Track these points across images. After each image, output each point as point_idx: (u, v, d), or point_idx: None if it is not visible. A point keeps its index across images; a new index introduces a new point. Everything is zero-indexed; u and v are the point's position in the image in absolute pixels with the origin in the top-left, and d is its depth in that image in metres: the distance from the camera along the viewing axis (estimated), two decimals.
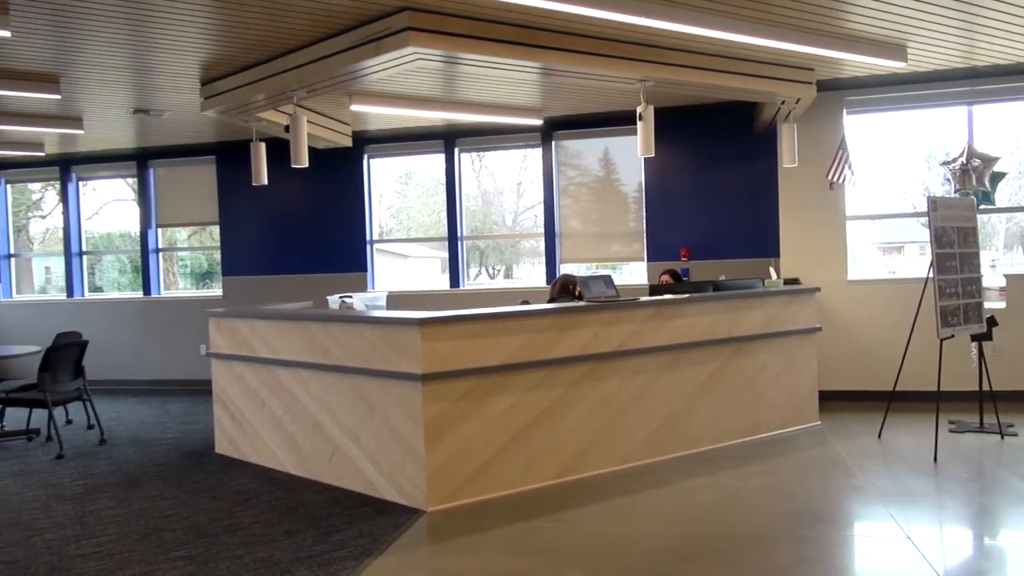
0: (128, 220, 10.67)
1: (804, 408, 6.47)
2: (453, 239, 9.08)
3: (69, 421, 7.59)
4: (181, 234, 10.70)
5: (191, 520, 4.59)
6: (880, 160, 7.89)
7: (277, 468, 5.65)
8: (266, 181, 7.29)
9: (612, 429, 5.35)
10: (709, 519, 4.45)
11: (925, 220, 6.37)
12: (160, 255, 10.27)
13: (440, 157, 9.13)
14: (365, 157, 9.29)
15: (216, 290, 10.11)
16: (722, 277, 7.17)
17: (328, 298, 6.40)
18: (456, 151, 9.05)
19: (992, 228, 8.24)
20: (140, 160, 9.98)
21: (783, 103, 6.87)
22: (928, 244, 5.93)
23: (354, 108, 7.19)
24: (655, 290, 6.52)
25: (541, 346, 5.03)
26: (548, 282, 8.29)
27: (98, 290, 10.89)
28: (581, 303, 5.43)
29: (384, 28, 5.12)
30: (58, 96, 6.60)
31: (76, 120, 7.90)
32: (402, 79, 6.55)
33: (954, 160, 7.27)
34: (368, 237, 9.31)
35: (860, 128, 7.71)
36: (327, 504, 4.81)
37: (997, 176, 7.20)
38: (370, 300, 6.60)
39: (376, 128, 8.94)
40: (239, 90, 6.37)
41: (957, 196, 7.08)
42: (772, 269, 7.10)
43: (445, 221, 9.14)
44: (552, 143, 8.74)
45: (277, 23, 5.26)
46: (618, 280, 6.11)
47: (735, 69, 6.22)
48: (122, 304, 10.26)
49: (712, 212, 8.18)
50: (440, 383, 4.63)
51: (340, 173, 9.24)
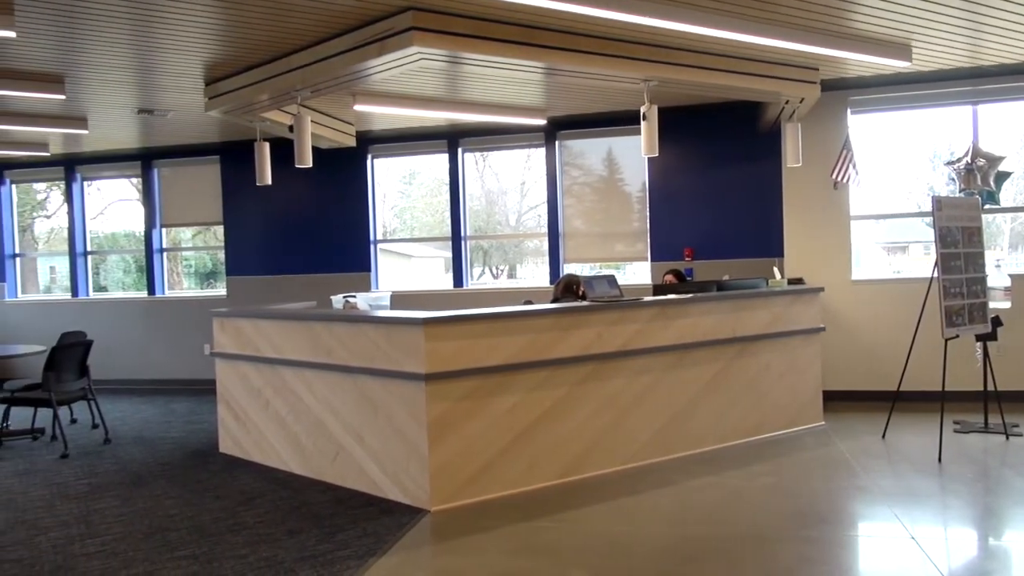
0: (132, 220, 10.70)
1: (808, 408, 6.46)
2: (457, 239, 9.09)
3: (74, 420, 7.62)
4: (185, 234, 10.72)
5: (195, 519, 4.60)
6: (884, 160, 7.87)
7: (281, 468, 5.66)
8: (270, 181, 7.31)
9: (615, 429, 5.35)
10: (713, 519, 4.45)
11: (930, 220, 6.35)
12: (164, 255, 10.30)
13: (444, 157, 9.13)
14: (369, 157, 9.30)
15: (220, 290, 10.13)
16: (726, 277, 7.17)
17: (332, 298, 6.41)
18: (460, 151, 9.05)
19: (997, 228, 8.21)
20: (144, 160, 10.00)
21: (787, 103, 6.86)
22: (932, 244, 5.92)
23: (358, 108, 7.19)
24: (659, 290, 6.51)
25: (544, 346, 5.02)
26: (552, 282, 8.29)
27: (103, 290, 10.93)
28: (585, 303, 5.42)
29: (388, 28, 5.12)
30: (63, 96, 6.62)
31: (81, 120, 7.91)
32: (406, 79, 6.55)
33: (959, 160, 7.25)
34: (372, 237, 9.32)
35: (864, 128, 7.70)
36: (331, 504, 4.82)
37: (1002, 176, 7.18)
38: (374, 300, 6.61)
39: (380, 128, 8.95)
40: (243, 90, 6.38)
41: (962, 196, 7.06)
42: (776, 269, 7.09)
43: (449, 221, 9.14)
44: (556, 143, 8.74)
45: (281, 23, 5.27)
46: (622, 280, 6.11)
47: (739, 69, 6.21)
48: (126, 304, 10.28)
49: (716, 212, 8.17)
50: (443, 383, 4.63)
51: (344, 173, 9.25)
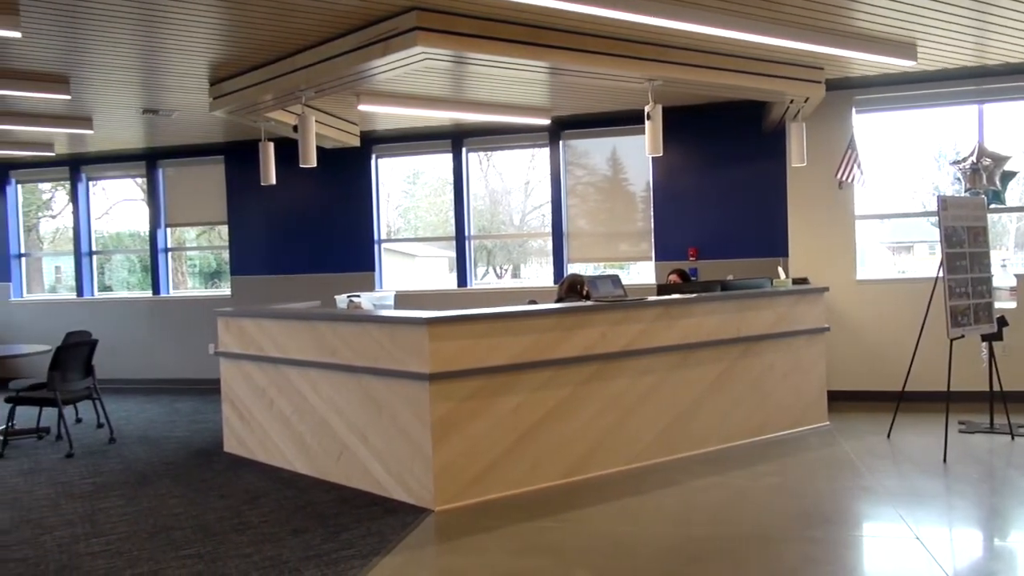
0: (137, 220, 10.72)
1: (813, 408, 6.45)
2: (461, 239, 9.09)
3: (79, 420, 7.64)
4: (190, 234, 10.74)
5: (200, 519, 4.61)
6: (889, 159, 7.85)
7: (285, 467, 5.67)
8: (274, 181, 7.32)
9: (619, 429, 5.34)
10: (717, 519, 4.44)
11: (935, 219, 6.34)
12: (169, 254, 10.32)
13: (448, 157, 9.14)
14: (373, 157, 9.30)
15: (225, 289, 10.15)
16: (730, 277, 7.16)
17: (336, 297, 6.41)
18: (464, 151, 9.05)
19: (1003, 227, 8.19)
20: (149, 160, 10.02)
21: (792, 102, 6.84)
22: (938, 244, 5.91)
23: (362, 108, 7.20)
24: (663, 290, 6.50)
25: (548, 346, 5.02)
26: (555, 282, 8.28)
27: (107, 289, 10.95)
28: (588, 303, 5.42)
29: (392, 28, 5.12)
30: (68, 96, 6.64)
31: (86, 120, 7.94)
32: (410, 79, 6.55)
33: (964, 159, 7.23)
34: (376, 236, 9.33)
35: (869, 127, 7.68)
36: (335, 503, 4.82)
37: (1008, 175, 7.15)
38: (378, 299, 6.62)
39: (384, 128, 8.95)
40: (247, 90, 6.39)
41: (967, 195, 7.04)
42: (780, 269, 7.08)
43: (453, 221, 9.14)
44: (560, 142, 8.73)
45: (285, 23, 5.28)
46: (626, 280, 6.10)
47: (744, 68, 6.20)
48: (131, 303, 10.31)
49: (720, 211, 8.16)
50: (447, 383, 4.63)
51: (348, 173, 9.26)
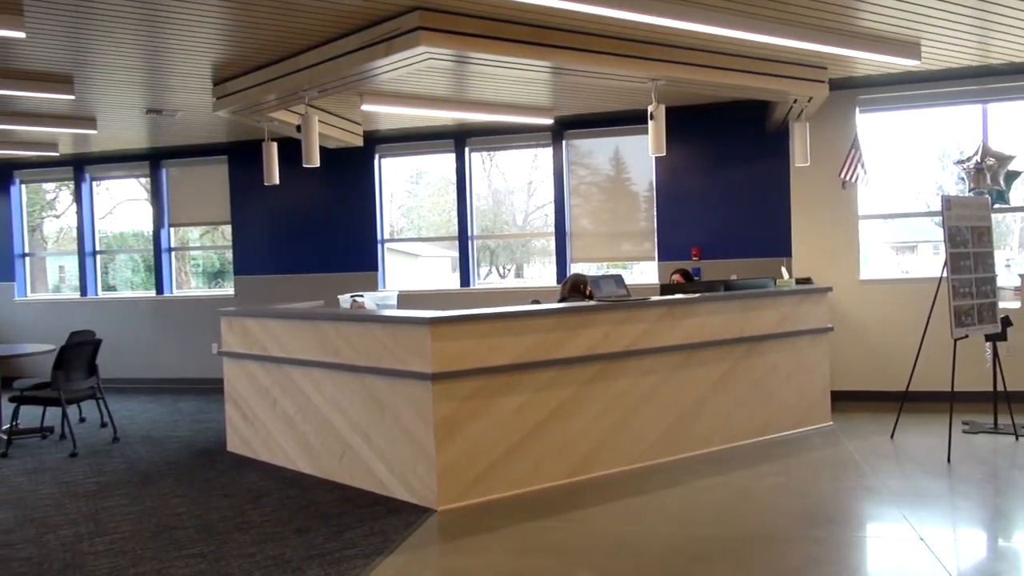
0: (141, 219, 10.74)
1: (816, 408, 6.44)
2: (464, 238, 9.09)
3: (82, 419, 7.65)
4: (193, 233, 10.75)
5: (203, 518, 4.61)
6: (893, 159, 7.83)
7: (288, 467, 5.67)
8: (278, 181, 7.33)
9: (622, 429, 5.34)
10: (721, 519, 4.44)
11: (939, 219, 6.32)
12: (172, 254, 10.34)
13: (451, 156, 9.14)
14: (376, 157, 9.31)
15: (228, 289, 10.16)
16: (733, 276, 7.15)
17: (339, 297, 6.43)
18: (467, 150, 9.05)
19: (1007, 227, 8.17)
20: (153, 160, 10.04)
21: (795, 102, 6.84)
22: (942, 243, 5.89)
23: (365, 108, 7.20)
24: (666, 289, 6.50)
25: (551, 346, 5.02)
26: (559, 281, 8.28)
27: (111, 289, 10.97)
28: (591, 303, 5.42)
29: (395, 28, 5.13)
30: (72, 96, 6.65)
31: (90, 120, 7.95)
32: (413, 79, 6.55)
33: (968, 159, 7.21)
34: (379, 236, 9.33)
35: (873, 127, 7.66)
36: (338, 503, 4.82)
37: (1012, 175, 7.13)
38: (381, 299, 6.63)
39: (387, 128, 8.96)
40: (251, 90, 6.40)
41: (971, 195, 7.02)
42: (784, 269, 7.07)
43: (456, 220, 9.14)
44: (563, 142, 8.73)
45: (288, 23, 5.28)
46: (629, 280, 6.10)
47: (747, 68, 6.19)
48: (135, 303, 10.33)
49: (723, 211, 8.15)
50: (450, 382, 4.63)
51: (351, 173, 9.26)
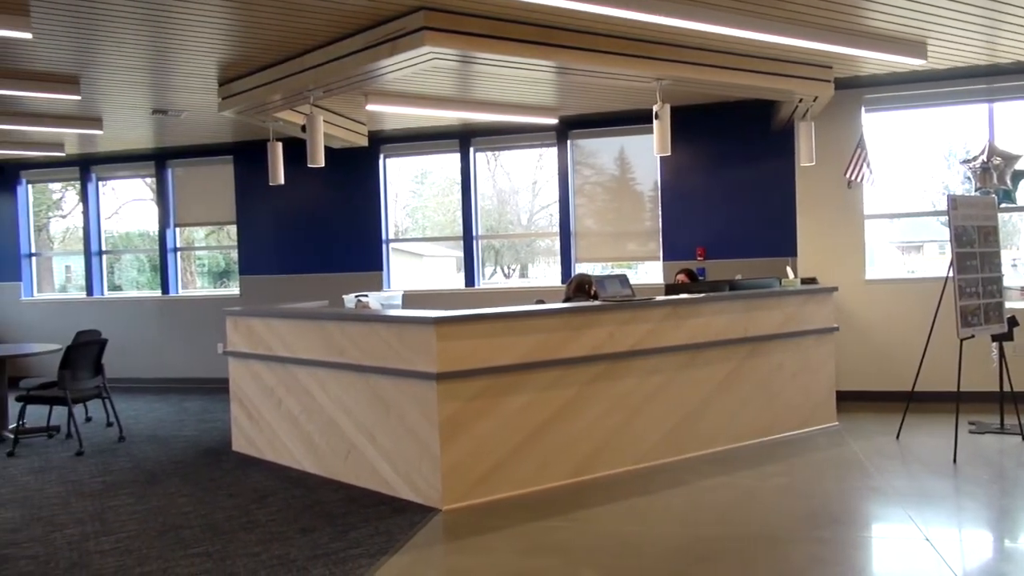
0: (147, 219, 10.77)
1: (821, 408, 6.42)
2: (468, 238, 9.09)
3: (89, 418, 7.68)
4: (199, 233, 10.78)
5: (208, 517, 4.63)
6: (899, 158, 7.81)
7: (294, 466, 5.68)
8: (283, 181, 7.33)
9: (627, 429, 5.34)
10: (725, 519, 4.43)
11: (945, 219, 6.31)
12: (178, 254, 10.36)
13: (455, 156, 9.14)
14: (381, 156, 9.32)
15: (233, 289, 10.18)
16: (738, 276, 7.14)
17: (344, 297, 6.43)
18: (471, 150, 9.06)
19: (1013, 227, 8.13)
20: (158, 160, 10.07)
21: (801, 101, 6.82)
22: (948, 243, 5.87)
23: (370, 108, 7.21)
24: (671, 289, 6.49)
25: (556, 345, 5.02)
26: (563, 281, 8.28)
27: (117, 289, 11.01)
28: (596, 302, 5.42)
29: (400, 28, 5.13)
30: (78, 97, 6.67)
31: (96, 120, 7.98)
32: (418, 79, 6.56)
33: (975, 158, 7.18)
34: (384, 236, 9.34)
35: (879, 126, 7.64)
36: (343, 502, 4.83)
37: (1019, 174, 7.10)
38: (386, 299, 6.63)
39: (392, 128, 8.97)
40: (256, 90, 6.41)
41: (978, 194, 7.00)
42: (789, 268, 7.05)
43: (460, 220, 9.14)
44: (567, 142, 8.72)
45: (293, 23, 5.29)
46: (634, 279, 6.09)
47: (753, 67, 6.18)
48: (140, 303, 10.36)
49: (728, 211, 8.13)
50: (455, 382, 4.63)
51: (356, 172, 9.28)
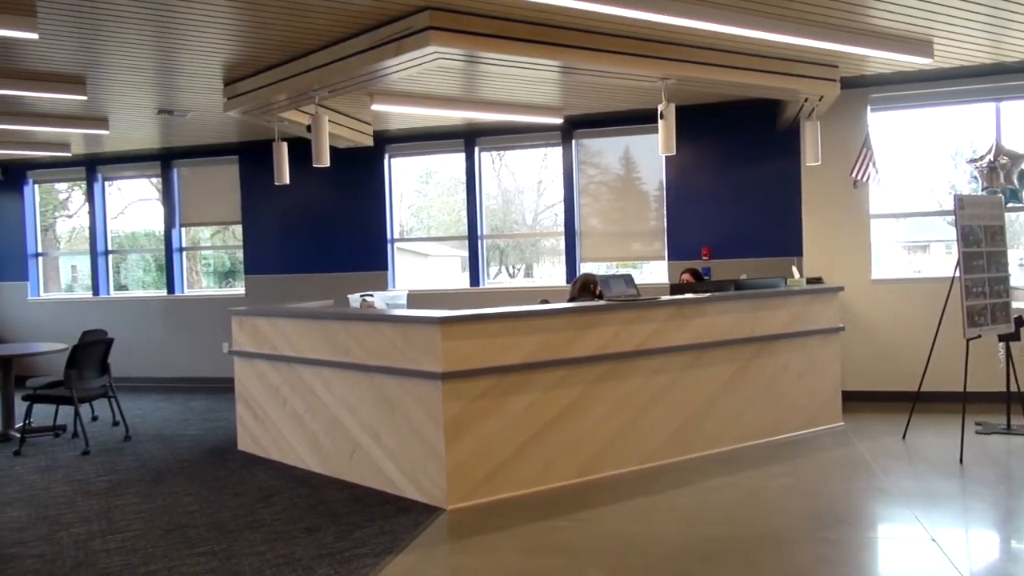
0: (152, 219, 10.80)
1: (827, 408, 6.41)
2: (473, 238, 9.09)
3: (95, 418, 7.70)
4: (204, 233, 10.80)
5: (214, 516, 4.64)
6: (905, 158, 7.78)
7: (299, 465, 5.69)
8: (288, 180, 7.36)
9: (632, 429, 5.33)
10: (730, 520, 4.43)
11: (951, 218, 6.28)
12: (184, 254, 10.39)
13: (460, 156, 9.14)
14: (386, 156, 9.32)
15: (239, 288, 10.20)
16: (744, 276, 7.13)
17: (349, 296, 6.43)
18: (476, 150, 9.06)
19: (1020, 226, 8.09)
20: (164, 160, 10.09)
21: (806, 100, 6.80)
22: (954, 243, 5.85)
23: (375, 108, 7.22)
24: (676, 289, 6.48)
25: (560, 345, 5.02)
26: (568, 281, 8.27)
27: (123, 288, 11.04)
28: (601, 302, 5.41)
29: (405, 28, 5.13)
30: (84, 97, 6.69)
31: (102, 121, 8.00)
32: (423, 78, 6.56)
33: (981, 157, 7.16)
34: (389, 236, 9.35)
35: (885, 125, 7.62)
36: (348, 501, 4.84)
37: None
38: (391, 299, 6.63)
39: (397, 127, 8.97)
40: (261, 90, 6.42)
41: (984, 194, 6.97)
42: (795, 268, 7.04)
43: (465, 220, 9.14)
44: (572, 142, 8.72)
45: (298, 23, 5.30)
46: (639, 279, 6.09)
47: (758, 67, 6.16)
48: (146, 302, 10.39)
49: (734, 211, 8.12)
50: (460, 382, 4.64)
51: (361, 172, 9.28)
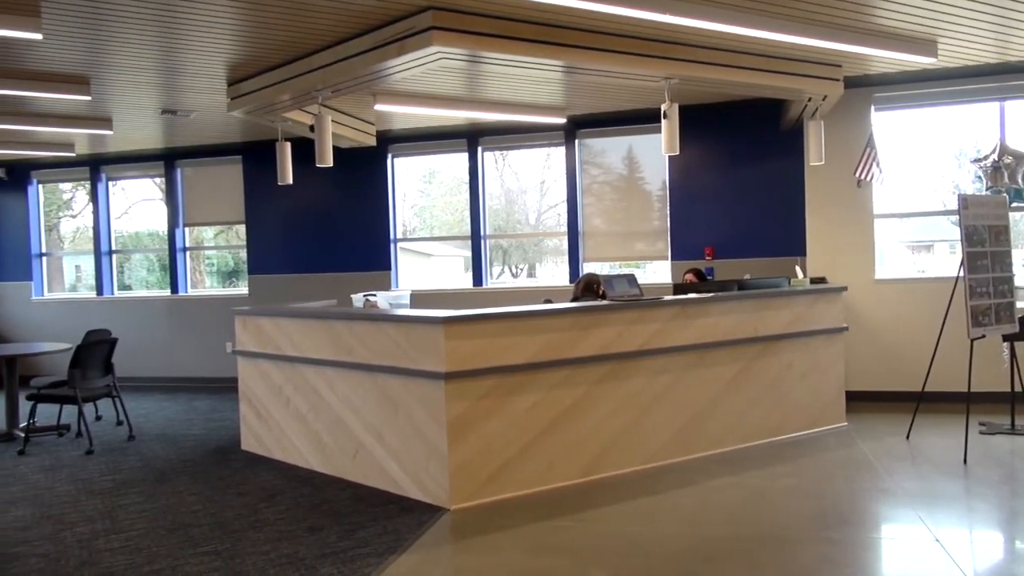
0: (156, 219, 10.82)
1: (830, 408, 6.40)
2: (476, 238, 9.10)
3: (99, 417, 7.72)
4: (208, 233, 10.82)
5: (217, 516, 4.64)
6: (909, 157, 7.77)
7: (302, 465, 5.70)
8: (291, 180, 7.36)
9: (635, 429, 5.33)
10: (733, 520, 4.42)
11: (955, 218, 6.27)
12: (187, 254, 10.41)
13: (463, 156, 9.14)
14: (389, 156, 9.33)
15: (242, 288, 10.22)
16: (747, 276, 7.11)
17: (352, 296, 6.44)
18: (479, 150, 9.06)
19: None
20: (168, 160, 10.11)
21: (810, 100, 6.79)
22: (958, 242, 5.84)
23: (378, 108, 7.22)
24: (679, 289, 6.47)
25: (564, 345, 5.02)
26: (571, 281, 8.28)
27: (127, 288, 11.06)
28: (604, 302, 5.41)
29: (408, 28, 5.14)
30: (88, 97, 6.71)
31: (106, 121, 8.02)
32: (426, 78, 6.56)
33: (985, 157, 7.14)
34: (392, 236, 9.36)
35: (889, 125, 7.60)
36: (351, 501, 4.84)
37: None
38: (394, 299, 6.63)
39: (400, 127, 8.98)
40: (265, 90, 6.43)
41: (988, 194, 6.95)
42: (798, 268, 7.03)
43: (468, 220, 9.15)
44: (575, 141, 8.71)
45: (301, 24, 5.30)
46: (642, 279, 6.08)
47: (762, 66, 6.16)
48: (150, 302, 10.41)
49: (737, 210, 8.11)
50: (463, 382, 4.64)
51: (364, 172, 9.29)
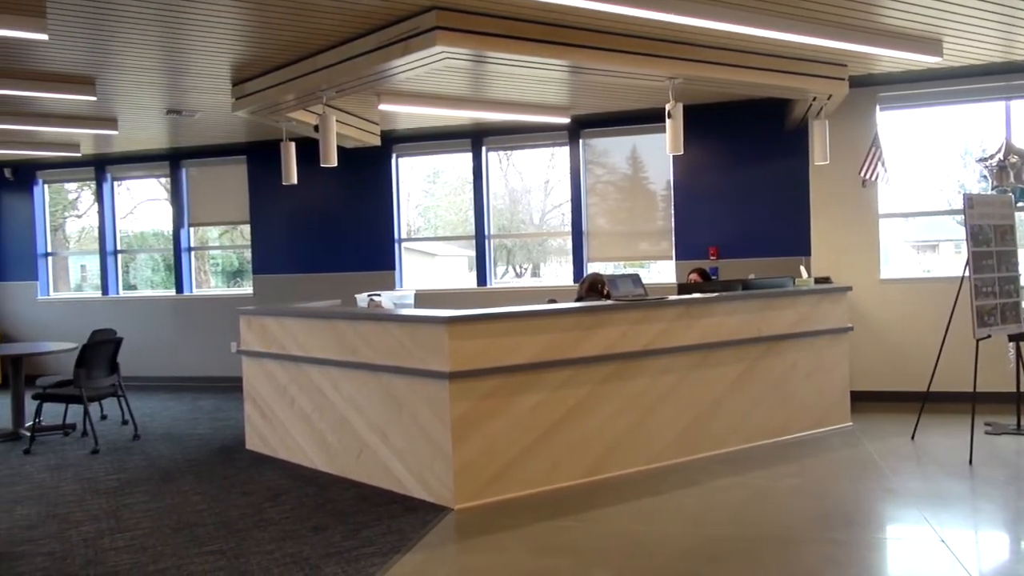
0: (161, 219, 10.84)
1: (835, 408, 6.39)
2: (480, 237, 9.10)
3: (104, 417, 7.74)
4: (212, 233, 10.84)
5: (222, 515, 4.65)
6: (914, 157, 7.75)
7: (306, 464, 5.71)
8: (296, 180, 7.37)
9: (639, 429, 5.33)
10: (737, 520, 4.42)
11: (961, 218, 6.25)
12: (192, 254, 10.43)
13: (468, 156, 9.15)
14: (393, 156, 9.34)
15: (247, 288, 10.24)
16: (752, 276, 7.10)
17: (356, 296, 6.44)
18: (483, 150, 9.06)
19: None
20: (173, 160, 10.14)
21: (815, 99, 6.78)
22: (964, 242, 5.83)
23: (382, 107, 7.23)
24: (684, 289, 6.47)
25: (568, 345, 5.02)
26: (575, 281, 8.27)
27: (132, 288, 11.09)
28: (609, 302, 5.41)
29: (412, 28, 5.14)
30: (93, 97, 6.73)
31: (111, 121, 8.04)
32: (430, 78, 6.57)
33: (991, 156, 7.12)
34: (396, 236, 9.37)
35: (894, 124, 7.58)
36: (355, 501, 4.85)
37: None
38: (398, 298, 6.63)
39: (404, 127, 8.99)
40: (269, 91, 6.44)
41: (994, 193, 6.93)
42: (803, 268, 7.01)
43: (472, 219, 9.15)
44: (580, 141, 8.71)
45: (305, 24, 5.31)
46: (646, 279, 6.08)
47: (766, 66, 6.15)
48: (155, 302, 10.44)
49: (742, 210, 8.10)
50: (467, 381, 4.64)
51: (369, 172, 9.30)
